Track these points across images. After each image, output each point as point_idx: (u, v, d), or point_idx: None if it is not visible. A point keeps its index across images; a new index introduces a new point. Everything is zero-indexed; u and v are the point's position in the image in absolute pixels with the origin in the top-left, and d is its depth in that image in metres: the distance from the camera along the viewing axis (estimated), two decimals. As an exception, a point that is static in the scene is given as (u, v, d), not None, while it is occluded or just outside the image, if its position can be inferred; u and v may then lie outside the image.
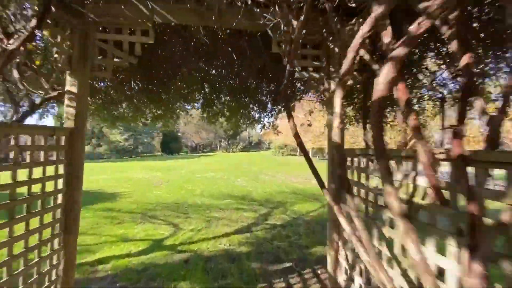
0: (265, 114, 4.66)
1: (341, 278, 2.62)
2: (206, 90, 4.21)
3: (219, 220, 6.46)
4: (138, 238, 5.01)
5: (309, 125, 5.14)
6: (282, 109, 4.30)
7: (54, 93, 2.27)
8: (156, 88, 3.18)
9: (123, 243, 4.68)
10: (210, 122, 4.58)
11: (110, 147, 42.93)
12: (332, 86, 2.65)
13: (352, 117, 4.14)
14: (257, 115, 4.76)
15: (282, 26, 2.51)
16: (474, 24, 2.58)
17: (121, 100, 3.70)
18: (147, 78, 2.99)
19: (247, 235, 5.32)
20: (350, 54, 1.31)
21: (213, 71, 3.62)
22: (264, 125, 4.98)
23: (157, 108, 4.14)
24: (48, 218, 2.19)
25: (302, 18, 1.92)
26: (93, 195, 9.11)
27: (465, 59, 1.28)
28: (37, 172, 1.96)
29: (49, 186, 2.13)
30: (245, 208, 7.74)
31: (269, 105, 4.48)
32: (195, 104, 4.47)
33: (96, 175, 14.40)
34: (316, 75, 2.70)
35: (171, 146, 51.24)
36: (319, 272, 3.78)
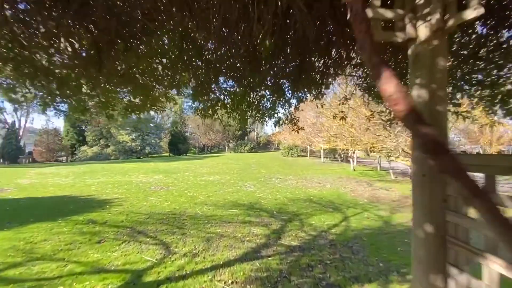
0: (281, 102, 3.40)
1: None
2: (201, 70, 2.99)
3: (221, 238, 5.24)
4: (114, 267, 3.83)
5: (344, 117, 3.82)
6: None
7: None
8: (105, 54, 1.98)
9: (91, 276, 3.51)
10: (205, 115, 3.36)
11: (118, 147, 42.57)
12: (423, 31, 1.36)
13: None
14: (269, 105, 3.50)
15: None
16: None
17: (76, 84, 2.53)
18: (86, 35, 1.80)
19: (256, 264, 4.06)
20: None
21: (202, 34, 2.39)
22: (279, 119, 3.70)
23: (133, 93, 2.96)
24: None
25: None
26: (81, 202, 8.08)
27: None
28: None
29: None
30: (254, 221, 6.49)
31: (287, 90, 3.22)
32: (184, 89, 3.23)
33: (95, 178, 13.47)
34: (388, 13, 1.42)
35: (179, 146, 50.65)
36: None
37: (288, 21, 2.00)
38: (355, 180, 15.20)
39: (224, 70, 3.02)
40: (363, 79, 3.12)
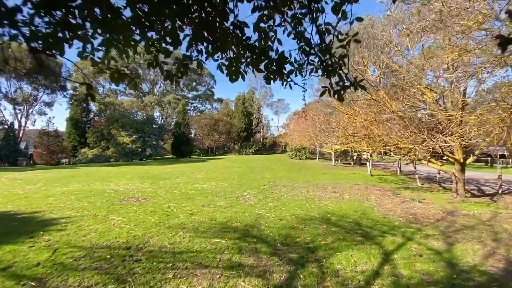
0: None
1: None
2: None
3: (182, 309, 2.93)
4: None
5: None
6: None
7: None
8: None
9: None
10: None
11: (118, 149, 40.90)
12: None
13: None
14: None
15: None
16: None
17: None
18: None
19: None
20: None
21: None
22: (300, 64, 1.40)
23: None
24: None
25: None
26: (12, 224, 5.88)
27: None
28: None
29: None
30: (246, 263, 4.15)
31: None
32: None
33: (67, 185, 11.40)
34: None
35: (182, 148, 48.78)
36: None
37: None
38: (376, 188, 12.71)
39: None
40: None
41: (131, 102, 54.52)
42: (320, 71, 1.47)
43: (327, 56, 1.42)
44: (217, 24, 1.23)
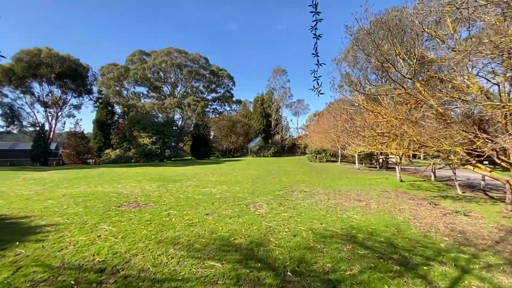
0: None
1: None
2: None
3: None
4: None
5: None
6: None
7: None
8: None
9: None
10: None
11: (139, 150, 41.80)
12: None
13: None
14: None
15: None
16: None
17: None
18: None
19: None
20: None
21: None
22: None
23: None
24: None
25: None
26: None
27: None
28: None
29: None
30: (242, 302, 3.11)
31: None
32: None
33: (74, 187, 11.10)
34: None
35: (201, 150, 48.95)
36: None
37: None
38: (408, 196, 11.04)
39: None
40: None
41: (152, 104, 55.88)
42: None
43: None
44: None
